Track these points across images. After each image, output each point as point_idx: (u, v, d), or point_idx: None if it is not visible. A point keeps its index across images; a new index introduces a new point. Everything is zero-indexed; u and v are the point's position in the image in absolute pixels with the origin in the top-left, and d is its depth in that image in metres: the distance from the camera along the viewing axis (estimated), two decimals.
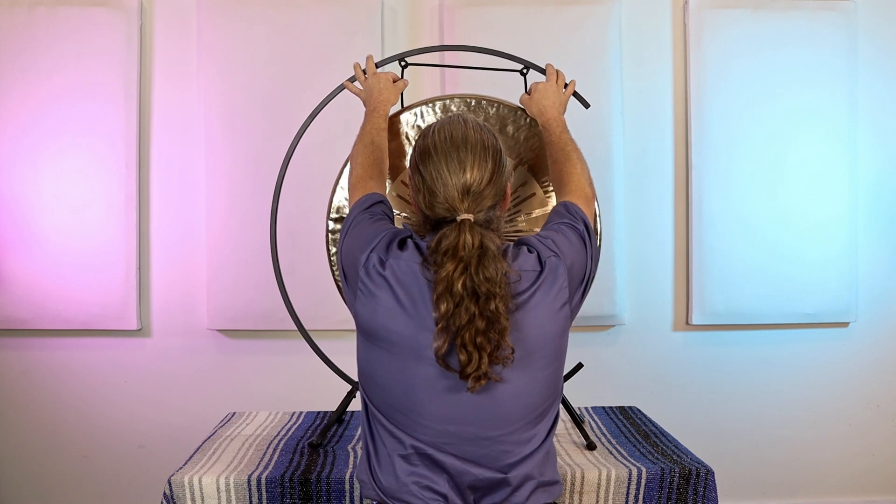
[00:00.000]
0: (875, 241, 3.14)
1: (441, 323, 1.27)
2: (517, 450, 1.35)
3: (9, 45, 2.90)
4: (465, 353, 1.27)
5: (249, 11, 2.93)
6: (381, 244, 1.38)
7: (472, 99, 1.97)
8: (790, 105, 3.02)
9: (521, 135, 1.97)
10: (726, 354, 3.13)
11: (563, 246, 1.41)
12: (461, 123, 1.42)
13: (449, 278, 1.27)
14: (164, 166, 3.01)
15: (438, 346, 1.28)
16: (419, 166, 1.39)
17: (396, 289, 1.34)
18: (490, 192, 1.37)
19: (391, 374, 1.35)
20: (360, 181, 1.60)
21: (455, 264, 1.28)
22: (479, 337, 1.27)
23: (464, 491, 1.35)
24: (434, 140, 1.40)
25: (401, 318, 1.33)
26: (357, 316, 1.39)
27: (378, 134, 1.74)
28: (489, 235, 1.32)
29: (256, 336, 3.03)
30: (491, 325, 1.27)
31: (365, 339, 1.39)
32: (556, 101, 1.83)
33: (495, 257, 1.30)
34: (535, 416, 1.37)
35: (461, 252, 1.28)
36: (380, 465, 1.38)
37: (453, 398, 1.32)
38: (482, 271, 1.28)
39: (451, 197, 1.34)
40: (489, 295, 1.27)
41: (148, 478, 2.99)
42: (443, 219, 1.36)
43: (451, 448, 1.34)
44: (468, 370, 1.28)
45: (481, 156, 1.37)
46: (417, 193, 1.40)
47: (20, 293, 2.92)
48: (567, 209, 1.51)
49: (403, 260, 1.35)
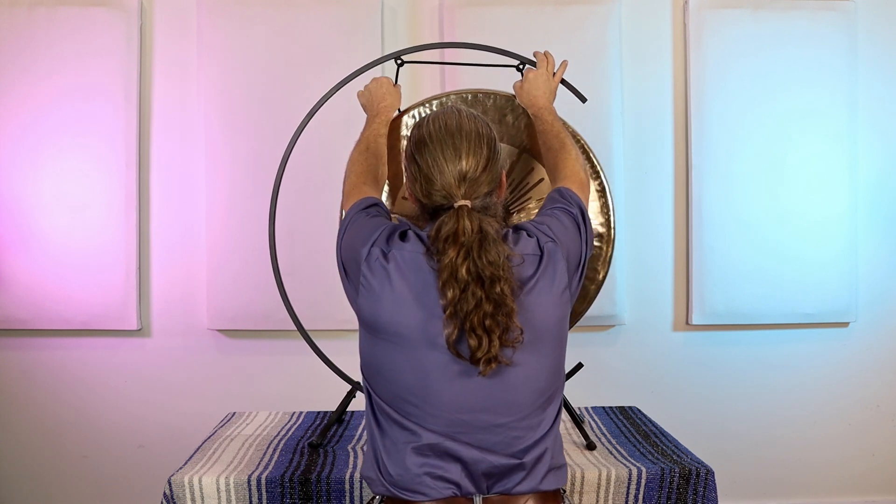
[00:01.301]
0: (875, 241, 3.14)
1: (449, 309, 1.29)
2: (529, 434, 1.36)
3: (9, 45, 2.90)
4: (475, 337, 1.29)
5: (249, 11, 2.93)
6: (382, 237, 1.39)
7: (468, 94, 1.98)
8: (790, 105, 3.02)
9: (521, 123, 1.97)
10: (726, 354, 3.13)
11: (558, 231, 1.43)
12: (455, 113, 1.45)
13: (452, 264, 1.29)
14: (164, 166, 3.01)
15: (449, 333, 1.29)
16: (415, 155, 1.41)
17: (402, 279, 1.35)
18: (486, 179, 1.39)
19: (400, 364, 1.35)
20: (355, 188, 1.62)
21: (457, 250, 1.29)
22: (488, 320, 1.28)
23: (478, 478, 1.36)
24: (429, 129, 1.42)
25: (408, 309, 1.34)
26: (360, 311, 1.40)
27: (375, 140, 1.76)
28: (487, 220, 1.34)
29: (256, 336, 3.03)
30: (498, 307, 1.29)
31: (369, 334, 1.40)
32: (545, 90, 1.84)
33: (496, 241, 1.32)
34: (543, 400, 1.38)
35: (461, 237, 1.30)
36: (389, 458, 1.38)
37: (466, 383, 1.33)
38: (485, 255, 1.29)
39: (448, 184, 1.37)
40: (494, 278, 1.29)
41: (148, 478, 2.99)
42: (440, 206, 1.38)
43: (465, 437, 1.34)
44: (478, 354, 1.29)
45: (476, 143, 1.39)
46: (414, 182, 1.42)
47: (20, 293, 2.92)
48: (561, 194, 1.53)
49: (407, 251, 1.36)
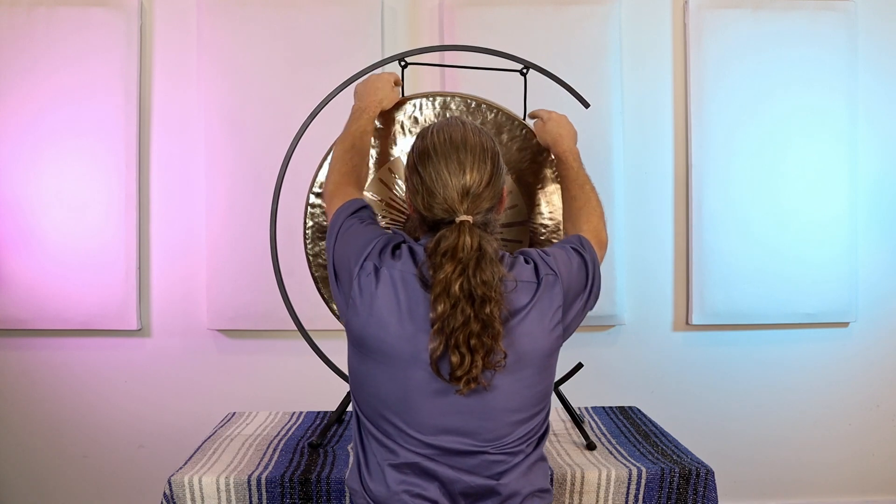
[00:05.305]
0: (875, 241, 3.14)
1: (437, 324, 1.28)
2: (508, 459, 1.36)
3: (9, 45, 2.90)
4: (458, 354, 1.27)
5: (249, 11, 2.93)
6: (375, 251, 1.37)
7: (472, 100, 1.97)
8: (790, 105, 3.02)
9: (514, 145, 1.96)
10: (726, 354, 3.13)
11: (562, 265, 1.41)
12: (460, 126, 1.42)
13: (447, 279, 1.28)
14: (164, 166, 3.01)
15: (434, 348, 1.28)
16: (418, 167, 1.39)
17: (392, 297, 1.33)
18: (488, 195, 1.37)
19: (383, 381, 1.35)
20: (339, 188, 1.58)
21: (454, 266, 1.28)
22: (473, 339, 1.27)
23: (455, 497, 1.35)
24: (433, 141, 1.39)
25: (394, 327, 1.33)
26: (348, 324, 1.38)
27: (361, 138, 1.72)
28: (487, 238, 1.33)
29: (256, 336, 3.03)
30: (485, 328, 1.28)
31: (356, 349, 1.39)
32: (572, 132, 1.80)
33: (492, 261, 1.30)
34: (522, 427, 1.37)
35: (460, 253, 1.29)
36: (370, 473, 1.38)
37: (445, 403, 1.32)
38: (479, 274, 1.28)
39: (451, 198, 1.34)
40: (485, 298, 1.27)
41: (148, 478, 2.99)
42: (441, 220, 1.36)
43: (442, 458, 1.34)
44: (458, 372, 1.28)
45: (480, 158, 1.37)
46: (415, 195, 1.40)
47: (20, 293, 2.92)
48: (581, 242, 1.50)
49: (397, 269, 1.35)
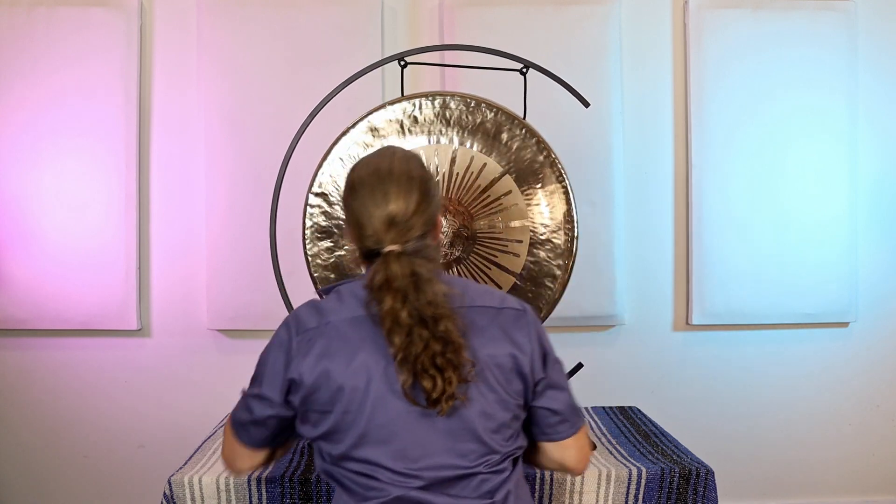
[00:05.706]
0: (875, 242, 3.14)
1: (399, 355, 1.27)
2: (494, 477, 1.35)
3: (9, 45, 2.90)
4: (429, 378, 1.27)
5: (249, 11, 2.93)
6: (294, 338, 1.41)
7: (472, 100, 1.97)
8: (790, 105, 3.02)
9: (513, 144, 1.96)
10: (726, 354, 3.13)
11: (537, 333, 1.39)
12: (388, 156, 1.42)
13: (392, 311, 1.27)
14: (164, 166, 3.01)
15: (404, 380, 1.27)
16: (348, 200, 1.39)
17: (344, 351, 1.32)
18: (417, 222, 1.35)
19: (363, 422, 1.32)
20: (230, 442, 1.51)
21: (393, 296, 1.28)
22: (439, 358, 1.27)
23: None
24: (360, 175, 1.39)
25: (361, 374, 1.31)
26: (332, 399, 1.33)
27: None
28: (419, 262, 1.32)
29: (256, 336, 3.02)
30: (447, 345, 1.27)
31: (329, 430, 1.35)
32: None
33: (430, 280, 1.30)
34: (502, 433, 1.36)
35: (394, 283, 1.29)
36: None
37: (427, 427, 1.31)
38: (422, 296, 1.28)
39: (377, 229, 1.34)
40: (436, 317, 1.27)
41: (148, 478, 2.99)
42: (371, 250, 1.36)
43: (434, 488, 1.33)
44: (434, 394, 1.27)
45: (406, 187, 1.36)
46: (349, 226, 1.41)
47: (20, 293, 2.92)
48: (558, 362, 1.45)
49: (341, 315, 1.35)
